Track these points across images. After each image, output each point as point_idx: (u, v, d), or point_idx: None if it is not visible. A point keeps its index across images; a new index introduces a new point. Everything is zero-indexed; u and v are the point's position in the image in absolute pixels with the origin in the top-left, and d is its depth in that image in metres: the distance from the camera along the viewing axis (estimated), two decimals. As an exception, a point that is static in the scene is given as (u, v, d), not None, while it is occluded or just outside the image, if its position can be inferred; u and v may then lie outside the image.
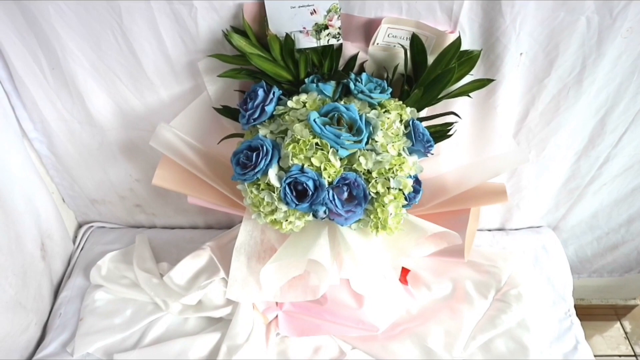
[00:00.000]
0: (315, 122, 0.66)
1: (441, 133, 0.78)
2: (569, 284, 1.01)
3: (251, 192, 0.68)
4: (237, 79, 0.74)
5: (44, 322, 0.93)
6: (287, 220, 0.69)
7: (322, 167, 0.65)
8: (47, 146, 0.91)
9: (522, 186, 0.99)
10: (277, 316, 0.92)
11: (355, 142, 0.66)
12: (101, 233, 1.08)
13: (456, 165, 0.77)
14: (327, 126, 0.66)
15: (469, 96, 0.78)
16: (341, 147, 0.66)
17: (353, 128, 0.67)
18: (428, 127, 0.78)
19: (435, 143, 0.77)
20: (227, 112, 0.78)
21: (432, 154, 0.73)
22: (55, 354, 0.87)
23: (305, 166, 0.65)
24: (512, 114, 0.85)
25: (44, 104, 0.83)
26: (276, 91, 0.71)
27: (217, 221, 1.10)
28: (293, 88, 0.74)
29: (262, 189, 0.67)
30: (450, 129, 0.78)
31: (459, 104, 0.81)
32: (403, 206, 0.71)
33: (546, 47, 0.75)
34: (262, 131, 0.70)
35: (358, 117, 0.66)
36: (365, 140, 0.66)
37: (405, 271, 0.94)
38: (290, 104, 0.70)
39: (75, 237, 1.06)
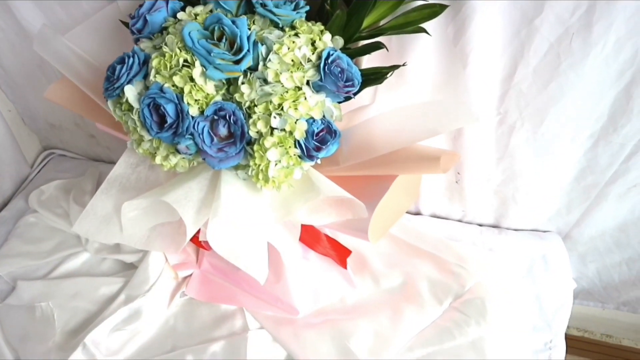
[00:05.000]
0: (190, 35, 0.53)
1: (378, 75, 0.60)
2: (565, 310, 0.77)
3: (115, 112, 0.58)
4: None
5: (-23, 239, 0.92)
6: (156, 154, 0.58)
7: (185, 90, 0.52)
8: (-6, 58, 0.88)
9: (516, 172, 0.76)
10: (192, 274, 0.82)
11: (232, 62, 0.52)
12: (60, 161, 1.05)
13: (388, 117, 0.59)
14: (202, 40, 0.53)
15: (426, 32, 0.59)
16: (213, 66, 0.52)
17: (235, 46, 0.53)
18: (367, 68, 0.61)
19: (367, 86, 0.60)
20: (136, 27, 0.67)
21: (353, 97, 0.57)
22: (-31, 272, 0.85)
23: (166, 86, 0.53)
24: (494, 67, 0.64)
25: (-21, 8, 0.79)
26: (171, 1, 0.59)
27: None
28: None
29: (125, 110, 0.56)
30: (391, 71, 0.60)
31: (421, 46, 0.63)
32: (300, 157, 0.56)
33: (535, -32, 0.54)
34: (143, 45, 0.58)
35: (241, 32, 0.52)
36: (245, 61, 0.52)
37: (345, 252, 0.78)
38: (180, 15, 0.58)
39: (35, 161, 1.04)
